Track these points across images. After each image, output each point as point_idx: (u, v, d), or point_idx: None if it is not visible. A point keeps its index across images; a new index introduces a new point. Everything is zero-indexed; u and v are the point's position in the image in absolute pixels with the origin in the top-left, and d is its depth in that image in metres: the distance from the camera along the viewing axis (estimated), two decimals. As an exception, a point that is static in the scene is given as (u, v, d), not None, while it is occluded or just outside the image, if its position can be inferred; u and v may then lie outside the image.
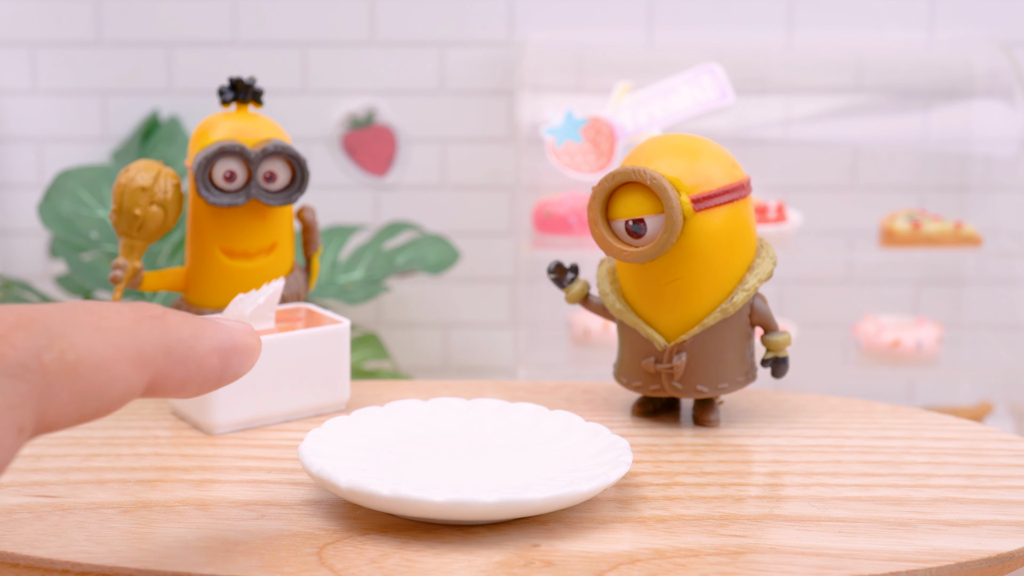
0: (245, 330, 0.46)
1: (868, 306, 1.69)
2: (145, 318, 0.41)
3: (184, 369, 0.42)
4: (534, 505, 0.49)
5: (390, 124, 1.69)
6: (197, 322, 0.43)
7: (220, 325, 0.45)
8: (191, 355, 0.42)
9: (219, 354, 0.44)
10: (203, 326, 0.43)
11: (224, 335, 0.44)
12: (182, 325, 0.42)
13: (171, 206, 0.68)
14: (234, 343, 0.44)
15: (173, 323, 0.42)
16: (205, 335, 0.43)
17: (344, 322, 0.66)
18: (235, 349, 0.44)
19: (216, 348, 0.44)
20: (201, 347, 0.43)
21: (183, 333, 0.42)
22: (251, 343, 0.46)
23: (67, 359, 0.37)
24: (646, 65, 1.61)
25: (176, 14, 1.66)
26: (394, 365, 1.62)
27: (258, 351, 0.46)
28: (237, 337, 0.45)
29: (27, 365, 0.36)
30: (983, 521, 0.52)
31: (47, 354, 0.37)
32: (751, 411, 0.66)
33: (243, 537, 0.50)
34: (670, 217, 0.59)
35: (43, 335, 0.37)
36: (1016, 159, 1.62)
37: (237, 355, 0.45)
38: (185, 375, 0.43)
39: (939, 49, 1.65)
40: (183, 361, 0.42)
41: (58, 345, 0.37)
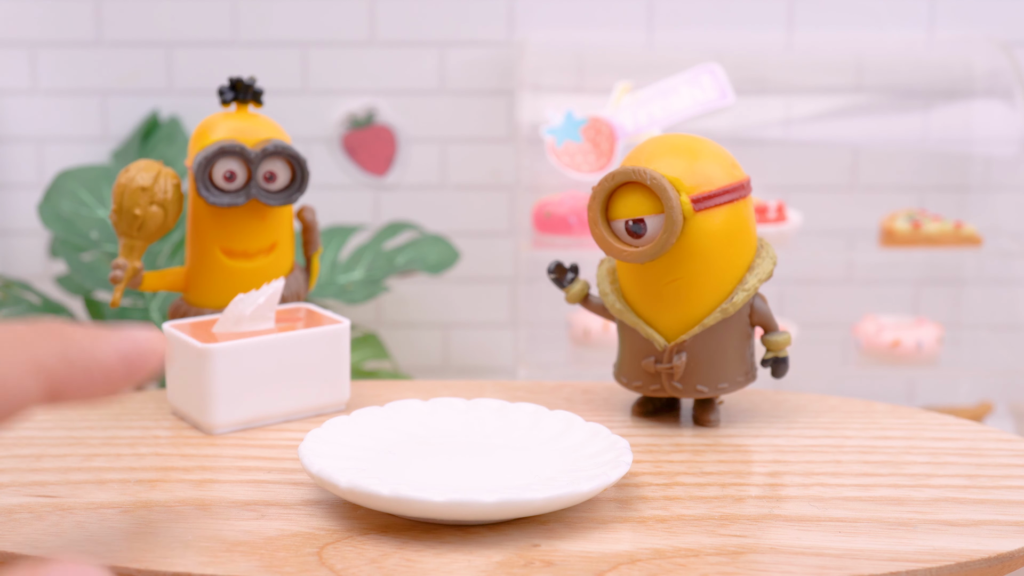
0: (148, 334, 0.47)
1: (868, 306, 1.69)
2: (43, 331, 0.43)
3: (86, 374, 0.44)
4: (534, 505, 0.49)
5: (390, 124, 1.69)
6: (98, 331, 0.45)
7: (123, 332, 0.46)
8: (91, 360, 0.44)
9: (121, 356, 0.45)
10: (104, 334, 0.45)
11: (127, 339, 0.46)
12: (83, 336, 0.44)
13: (171, 206, 0.68)
14: (136, 344, 0.46)
15: (70, 334, 0.44)
16: (105, 343, 0.45)
17: (344, 322, 0.66)
18: (137, 350, 0.46)
19: (117, 350, 0.45)
20: (101, 351, 0.44)
21: (82, 343, 0.44)
22: (153, 342, 0.47)
23: None
24: (646, 65, 1.61)
25: (176, 14, 1.66)
26: (394, 365, 1.62)
27: (161, 348, 0.47)
28: (139, 338, 0.46)
29: None
30: (983, 521, 0.52)
31: None
32: (751, 411, 0.66)
33: (243, 537, 0.50)
34: (670, 217, 0.59)
35: None
36: (1016, 159, 1.62)
37: (140, 356, 0.46)
38: (87, 379, 0.44)
39: (939, 49, 1.65)
40: (83, 367, 0.44)
41: None
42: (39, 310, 1.38)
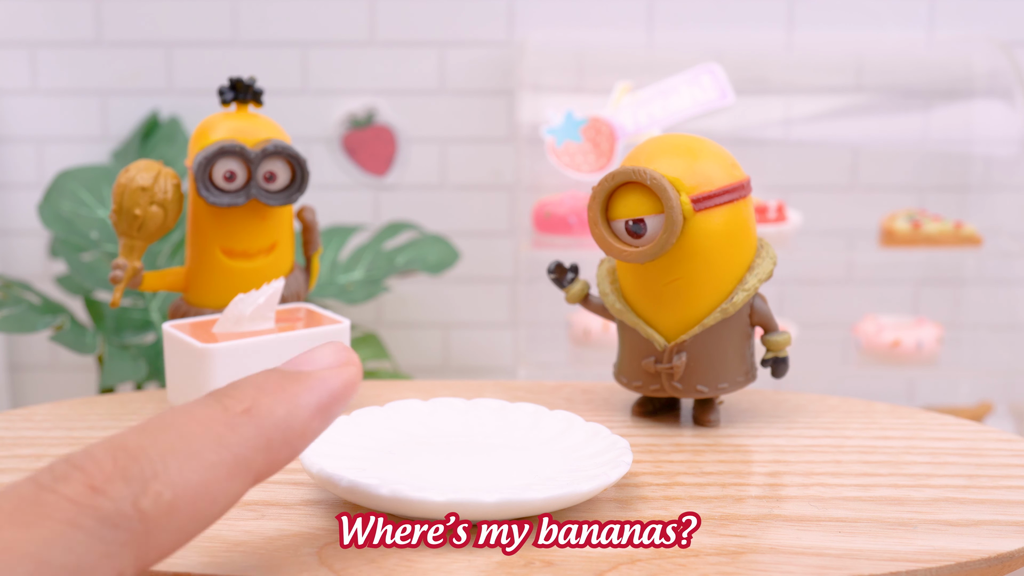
0: (338, 366, 0.42)
1: (868, 306, 1.69)
2: (235, 417, 0.39)
3: (288, 451, 0.40)
4: (534, 505, 0.49)
5: (390, 124, 1.69)
6: (291, 392, 0.40)
7: (314, 380, 0.41)
8: (291, 435, 0.40)
9: (320, 414, 0.41)
10: (297, 395, 0.40)
11: (321, 390, 0.41)
12: (275, 406, 0.40)
13: (171, 206, 0.68)
14: (332, 393, 0.41)
15: (265, 409, 0.39)
16: (301, 404, 0.40)
17: (344, 322, 0.66)
18: (334, 399, 0.42)
19: (316, 410, 0.41)
20: (299, 420, 0.40)
21: (278, 416, 0.40)
22: (348, 379, 0.42)
23: (164, 500, 0.36)
24: (646, 65, 1.61)
25: (176, 14, 1.66)
26: (394, 365, 1.62)
27: (357, 382, 0.43)
28: (333, 384, 0.42)
29: (125, 514, 0.35)
30: (983, 521, 0.52)
31: (143, 500, 0.36)
32: (751, 411, 0.66)
33: (243, 537, 0.50)
34: (670, 217, 0.59)
35: (138, 480, 0.36)
36: (1016, 159, 1.62)
37: (338, 403, 0.42)
38: (289, 455, 0.40)
39: (939, 49, 1.65)
40: (285, 444, 0.40)
41: (153, 487, 0.36)
42: (39, 310, 1.38)
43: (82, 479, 0.35)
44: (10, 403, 1.75)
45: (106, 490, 0.35)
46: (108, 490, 0.35)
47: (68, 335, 1.34)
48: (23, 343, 1.75)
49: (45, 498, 0.35)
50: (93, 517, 0.35)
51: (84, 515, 0.34)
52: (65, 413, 0.65)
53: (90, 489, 0.35)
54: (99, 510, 0.35)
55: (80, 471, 0.35)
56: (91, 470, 0.36)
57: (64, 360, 1.75)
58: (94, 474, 0.35)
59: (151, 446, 0.37)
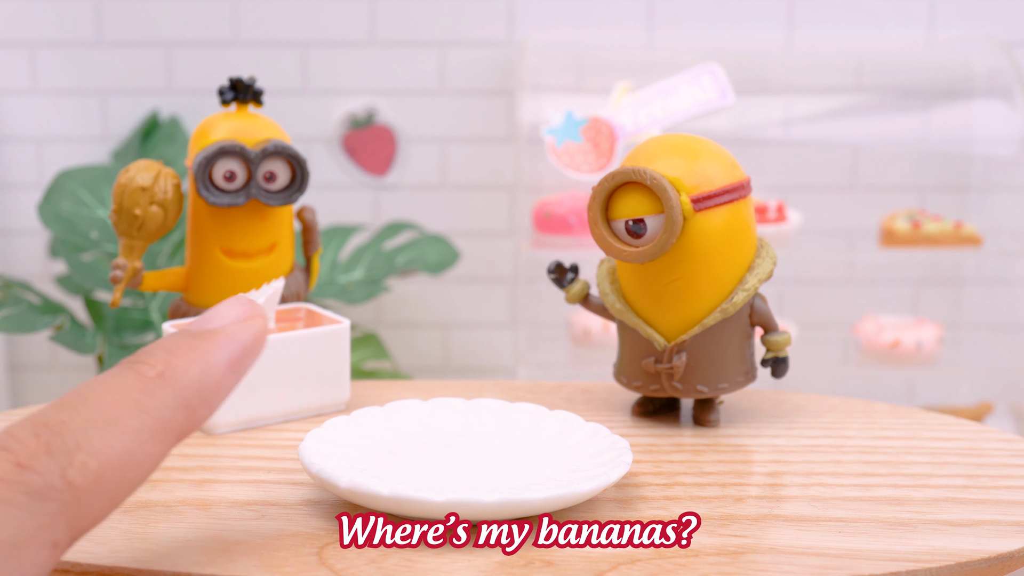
0: (244, 319, 0.44)
1: (868, 306, 1.69)
2: (150, 381, 0.40)
3: (205, 408, 0.41)
4: (534, 505, 0.49)
5: (390, 124, 1.69)
6: (200, 349, 0.41)
7: (223, 336, 0.42)
8: (206, 391, 0.41)
9: (232, 369, 0.42)
10: (208, 352, 0.42)
11: (231, 346, 0.42)
12: (188, 366, 0.41)
13: (171, 206, 0.68)
14: (242, 347, 0.43)
15: (179, 370, 0.40)
16: (213, 362, 0.41)
17: (344, 322, 0.66)
18: (245, 352, 0.43)
19: (228, 366, 0.42)
20: (213, 378, 0.41)
21: (192, 375, 0.41)
22: (256, 331, 0.43)
23: (90, 469, 0.37)
24: (646, 65, 1.61)
25: (176, 14, 1.66)
26: (394, 365, 1.62)
27: (264, 334, 0.44)
28: (243, 337, 0.43)
29: (53, 485, 0.36)
30: (983, 521, 0.52)
31: (70, 472, 0.37)
32: (751, 411, 0.66)
33: (243, 537, 0.50)
34: (670, 217, 0.59)
35: (62, 453, 0.37)
36: (1016, 159, 1.62)
37: (249, 356, 0.43)
38: (207, 411, 0.41)
39: (939, 49, 1.65)
40: (202, 403, 0.41)
41: (78, 459, 0.37)
42: (39, 310, 1.38)
43: (8, 458, 0.36)
44: (10, 403, 1.75)
45: (32, 466, 0.36)
46: (34, 465, 0.36)
47: (68, 335, 1.34)
48: (23, 343, 1.75)
49: None
50: (23, 492, 0.36)
51: (13, 491, 0.35)
52: (65, 413, 0.65)
53: (16, 466, 0.36)
54: (28, 485, 0.36)
55: (5, 451, 0.36)
56: (15, 448, 0.36)
57: (64, 360, 1.75)
58: (19, 452, 0.36)
59: (71, 419, 0.38)
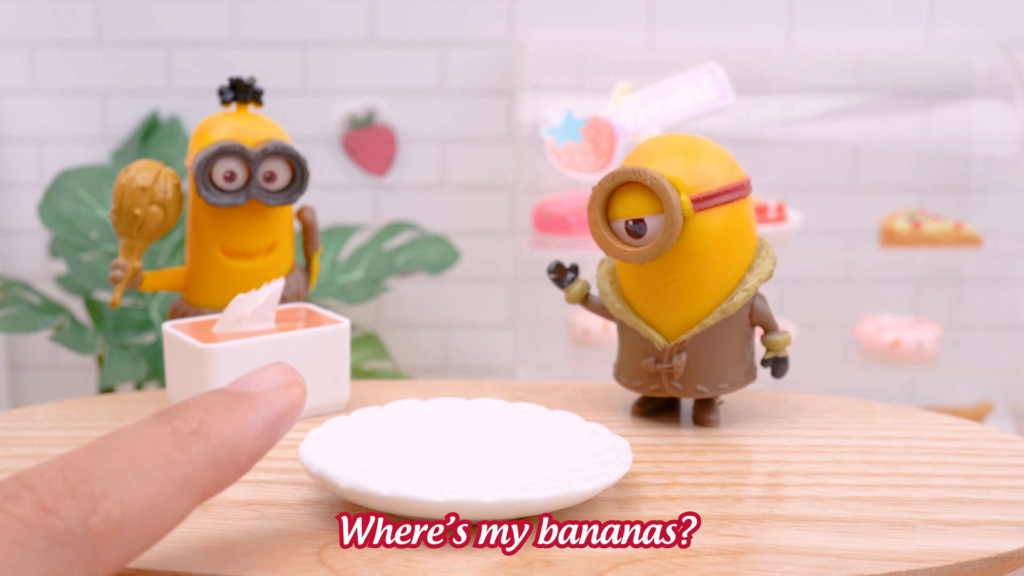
0: (283, 387, 0.43)
1: (868, 306, 1.69)
2: (183, 437, 0.40)
3: (235, 470, 0.41)
4: (534, 505, 0.49)
5: (390, 124, 1.69)
6: (238, 412, 0.41)
7: (260, 401, 0.42)
8: (237, 453, 0.41)
9: (265, 434, 0.42)
10: (244, 415, 0.41)
11: (267, 410, 0.42)
12: (223, 427, 0.41)
13: (171, 206, 0.68)
14: (278, 413, 0.43)
15: (213, 430, 0.40)
16: (248, 425, 0.41)
17: (344, 322, 0.66)
18: (280, 419, 0.43)
19: (262, 430, 0.42)
20: (246, 440, 0.41)
21: (225, 436, 0.41)
22: (294, 399, 0.43)
23: (112, 518, 0.37)
24: (646, 65, 1.61)
25: (176, 14, 1.66)
26: (394, 365, 1.62)
27: (302, 402, 0.44)
28: (279, 404, 0.43)
29: (74, 532, 0.36)
30: (983, 521, 0.52)
31: (92, 519, 0.36)
32: (751, 411, 0.66)
33: (243, 537, 0.50)
34: (670, 217, 0.59)
35: (88, 499, 0.36)
36: (1016, 159, 1.62)
37: (283, 422, 0.43)
38: (236, 474, 0.41)
39: (939, 49, 1.65)
40: (231, 464, 0.41)
41: (102, 506, 0.37)
42: (39, 310, 1.38)
43: (32, 498, 0.36)
44: (10, 403, 1.75)
45: (56, 509, 0.36)
46: (58, 509, 0.36)
47: (68, 335, 1.34)
48: (23, 343, 1.75)
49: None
50: (42, 537, 0.35)
51: (34, 535, 0.35)
52: (65, 413, 0.65)
53: (40, 508, 0.36)
54: (48, 529, 0.35)
55: (30, 490, 0.36)
56: (41, 489, 0.36)
57: (64, 360, 1.75)
58: (44, 493, 0.36)
59: (101, 465, 0.37)
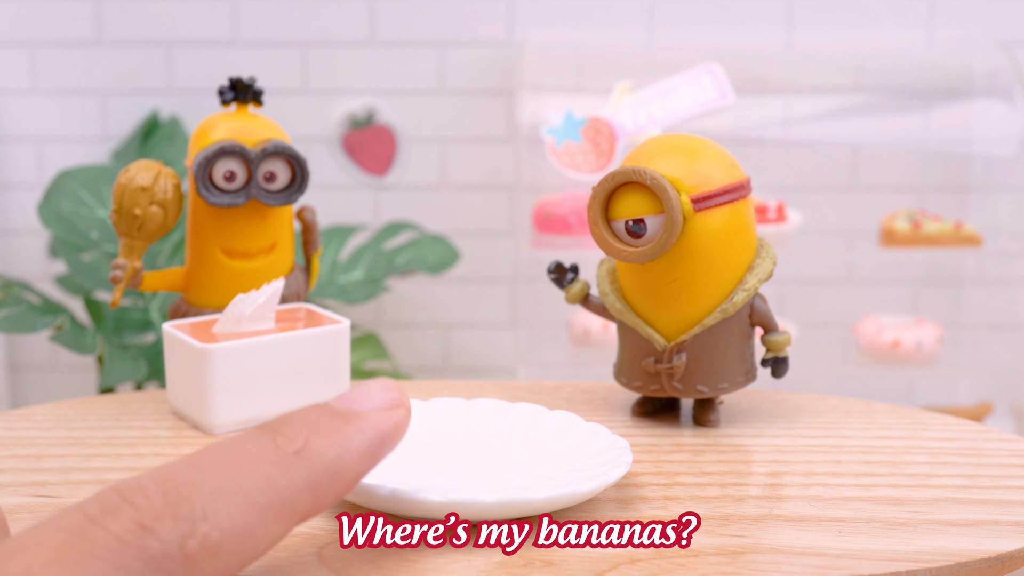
0: (389, 408, 0.42)
1: (868, 306, 1.69)
2: (286, 457, 0.38)
3: (334, 495, 0.40)
4: (534, 505, 0.49)
5: (390, 124, 1.69)
6: (342, 433, 0.40)
7: (366, 422, 0.41)
8: (339, 476, 0.39)
9: (368, 457, 0.41)
10: (348, 437, 0.40)
11: (371, 433, 0.41)
12: (327, 448, 0.39)
13: (171, 206, 0.68)
14: (382, 436, 0.41)
15: (317, 451, 0.39)
16: (352, 448, 0.40)
17: (344, 322, 0.66)
18: (383, 442, 0.41)
19: (365, 454, 0.40)
20: (349, 464, 0.40)
21: (328, 459, 0.39)
22: (398, 422, 0.42)
23: (210, 542, 0.36)
24: (646, 65, 1.61)
25: (176, 14, 1.66)
26: (394, 365, 1.62)
27: (406, 424, 0.42)
28: (384, 427, 0.41)
29: (171, 556, 0.35)
30: (983, 521, 0.52)
31: (191, 542, 0.35)
32: (751, 411, 0.66)
33: (243, 537, 0.50)
34: (670, 217, 0.59)
35: (188, 521, 0.35)
36: (1016, 159, 1.62)
37: (386, 446, 0.41)
38: (335, 497, 0.40)
39: (939, 49, 1.65)
40: (331, 488, 0.39)
41: (201, 529, 0.35)
42: (39, 310, 1.38)
43: (132, 514, 0.35)
44: (10, 403, 1.75)
45: (155, 528, 0.35)
46: (157, 529, 0.35)
47: (68, 335, 1.34)
48: (23, 343, 1.75)
49: (94, 534, 0.34)
50: (139, 559, 0.34)
51: (130, 556, 0.34)
52: (65, 413, 0.65)
53: (139, 527, 0.35)
54: (146, 551, 0.34)
55: (130, 505, 0.35)
56: (141, 504, 0.35)
57: (64, 360, 1.75)
58: (144, 509, 0.35)
59: (202, 483, 0.36)
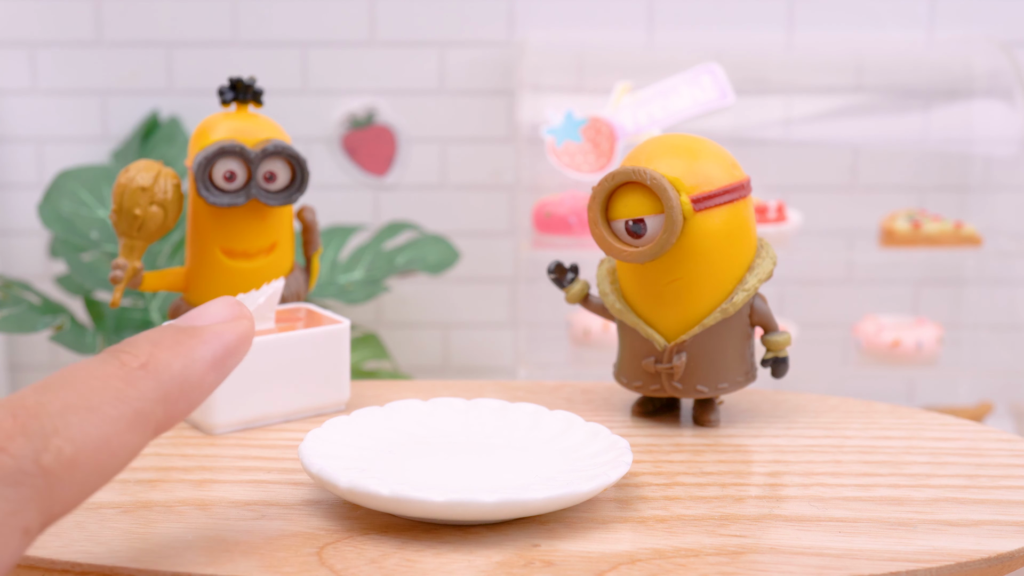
0: (231, 320, 0.44)
1: (868, 306, 1.69)
2: (132, 372, 0.40)
3: (186, 403, 0.41)
4: (534, 505, 0.49)
5: (390, 124, 1.69)
6: (185, 345, 0.41)
7: (208, 334, 0.42)
8: (187, 387, 0.41)
9: (215, 367, 0.42)
10: (193, 349, 0.42)
11: (215, 344, 0.42)
12: (171, 360, 0.41)
13: (171, 206, 0.68)
14: (226, 346, 0.43)
15: (162, 364, 0.40)
16: (197, 358, 0.41)
17: (344, 322, 0.66)
18: (229, 352, 0.43)
19: (211, 363, 0.42)
20: (196, 373, 0.41)
21: (174, 369, 0.41)
22: (241, 332, 0.43)
23: (65, 455, 0.36)
24: (646, 65, 1.61)
25: (176, 14, 1.66)
26: (394, 365, 1.62)
27: (250, 336, 0.44)
28: (228, 337, 0.43)
29: (26, 470, 0.36)
30: (983, 521, 0.52)
31: (44, 456, 0.36)
32: (751, 411, 0.66)
33: (243, 537, 0.50)
34: (670, 217, 0.59)
35: (39, 436, 0.36)
36: (1016, 159, 1.62)
37: (232, 356, 0.43)
38: (187, 407, 0.41)
39: (939, 49, 1.65)
40: (182, 397, 0.41)
41: (54, 443, 0.36)
42: (39, 310, 1.38)
43: None
44: (10, 403, 1.75)
45: (7, 448, 0.36)
46: (9, 447, 0.36)
47: (68, 335, 1.34)
48: (23, 343, 1.75)
49: None
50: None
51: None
52: (65, 413, 0.65)
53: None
54: (1, 468, 0.35)
55: None
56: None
57: (64, 360, 1.75)
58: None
59: (51, 402, 0.37)
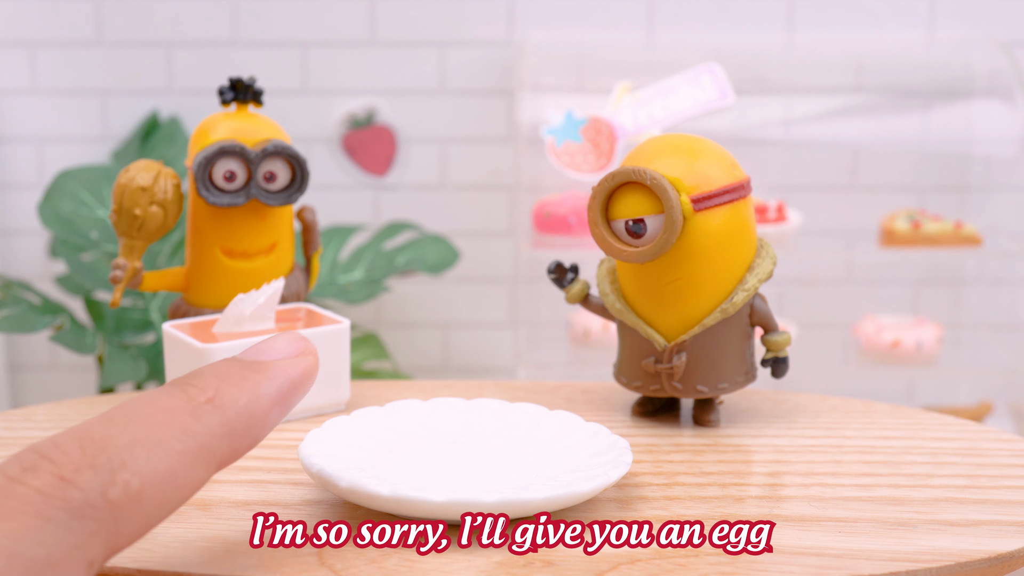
0: (296, 355, 0.44)
1: (868, 306, 1.69)
2: (199, 406, 0.40)
3: (250, 439, 0.41)
4: (534, 505, 0.49)
5: (390, 124, 1.69)
6: (252, 381, 0.42)
7: (274, 370, 0.43)
8: (253, 423, 0.41)
9: (279, 403, 0.42)
10: (258, 384, 0.42)
11: (280, 379, 0.42)
12: (238, 396, 0.41)
13: (171, 206, 0.68)
14: (291, 382, 0.43)
15: (228, 398, 0.41)
16: (261, 393, 0.42)
17: (344, 322, 0.66)
18: (293, 388, 0.43)
19: (276, 399, 0.42)
20: (260, 409, 0.42)
21: (240, 405, 0.41)
22: (306, 368, 0.44)
23: (132, 489, 0.37)
24: (646, 65, 1.61)
25: (176, 14, 1.66)
26: (394, 365, 1.62)
27: (315, 371, 0.44)
28: (292, 373, 0.43)
29: (94, 504, 0.36)
30: (983, 521, 0.52)
31: (112, 490, 0.36)
32: (751, 411, 0.66)
33: (243, 537, 0.50)
34: (670, 217, 0.59)
35: (107, 470, 0.36)
36: (1016, 159, 1.62)
37: (296, 391, 0.43)
38: (251, 442, 0.42)
39: (939, 49, 1.65)
40: (247, 433, 0.41)
41: (121, 477, 0.37)
42: (39, 310, 1.38)
43: (51, 469, 0.36)
44: (10, 403, 1.75)
45: (75, 480, 0.36)
46: (77, 480, 0.36)
47: (68, 335, 1.34)
48: (23, 343, 1.75)
49: (15, 491, 0.35)
50: (63, 509, 0.35)
51: (54, 507, 0.35)
52: (65, 413, 0.65)
53: (59, 480, 0.35)
54: (68, 501, 0.35)
55: (48, 461, 0.36)
56: (59, 460, 0.36)
57: (64, 360, 1.75)
58: (63, 464, 0.36)
59: (118, 435, 0.37)
